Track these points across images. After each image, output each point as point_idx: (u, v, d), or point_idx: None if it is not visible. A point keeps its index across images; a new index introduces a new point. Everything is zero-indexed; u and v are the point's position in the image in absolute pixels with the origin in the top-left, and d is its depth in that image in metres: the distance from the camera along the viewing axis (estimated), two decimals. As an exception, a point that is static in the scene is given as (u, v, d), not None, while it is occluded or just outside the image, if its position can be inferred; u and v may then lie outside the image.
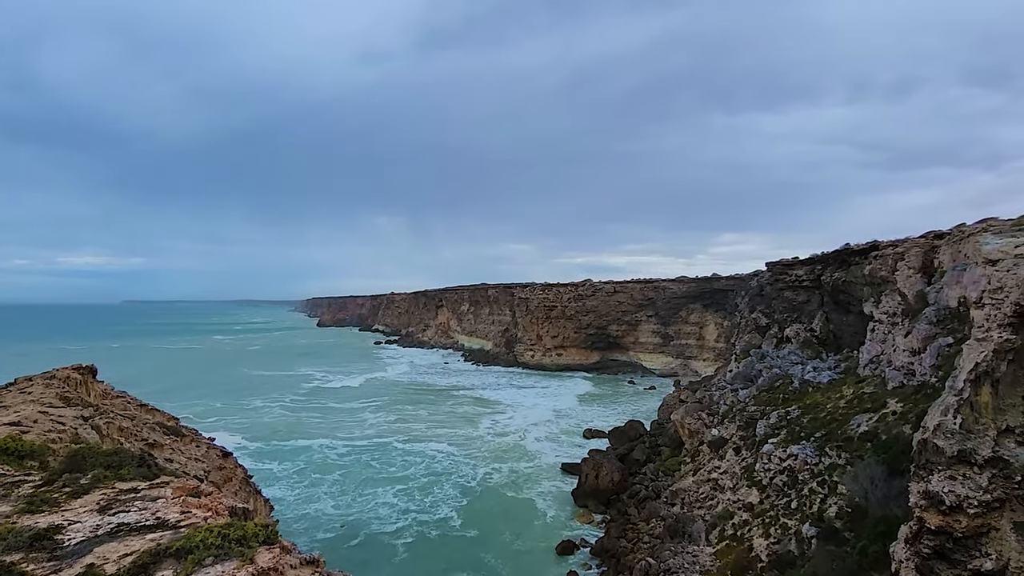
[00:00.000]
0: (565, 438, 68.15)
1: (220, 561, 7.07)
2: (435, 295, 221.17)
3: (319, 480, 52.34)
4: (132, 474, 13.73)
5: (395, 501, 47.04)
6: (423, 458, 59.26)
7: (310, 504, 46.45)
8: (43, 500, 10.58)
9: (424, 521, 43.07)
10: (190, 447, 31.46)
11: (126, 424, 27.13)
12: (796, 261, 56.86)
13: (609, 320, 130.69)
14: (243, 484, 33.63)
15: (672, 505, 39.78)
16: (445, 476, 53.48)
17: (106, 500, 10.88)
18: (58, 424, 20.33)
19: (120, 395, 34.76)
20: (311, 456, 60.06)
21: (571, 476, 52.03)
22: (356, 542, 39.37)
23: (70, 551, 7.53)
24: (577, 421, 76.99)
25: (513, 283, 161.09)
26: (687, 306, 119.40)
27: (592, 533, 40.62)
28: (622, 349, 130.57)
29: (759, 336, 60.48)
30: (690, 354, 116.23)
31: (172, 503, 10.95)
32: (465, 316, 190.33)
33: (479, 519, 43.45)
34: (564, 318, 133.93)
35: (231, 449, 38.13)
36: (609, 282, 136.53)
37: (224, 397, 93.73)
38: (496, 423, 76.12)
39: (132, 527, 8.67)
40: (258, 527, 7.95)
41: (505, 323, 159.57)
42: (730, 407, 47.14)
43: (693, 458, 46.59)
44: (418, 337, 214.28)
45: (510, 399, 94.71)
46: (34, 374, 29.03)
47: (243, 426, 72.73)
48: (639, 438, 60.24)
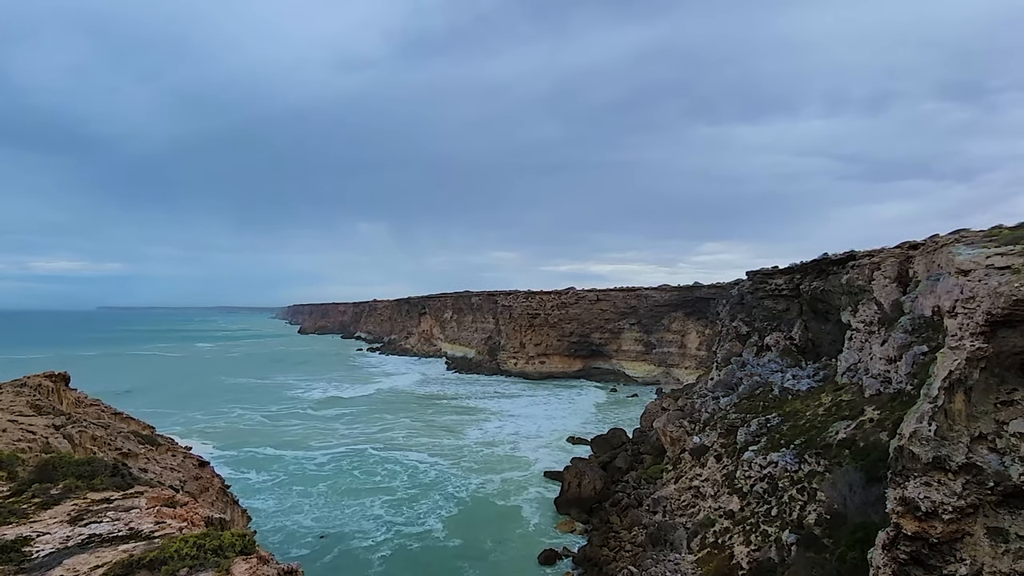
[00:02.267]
0: (547, 446, 68.05)
1: (195, 572, 6.92)
2: (418, 302, 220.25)
3: (299, 491, 51.53)
4: (105, 484, 13.43)
5: (377, 513, 46.39)
6: (407, 468, 58.70)
7: (288, 516, 45.66)
8: (11, 511, 10.30)
9: (406, 533, 42.44)
10: (166, 456, 30.77)
11: (100, 433, 26.47)
12: (776, 270, 57.63)
13: (592, 328, 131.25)
14: (220, 494, 32.95)
15: (654, 513, 39.86)
16: (429, 486, 53.03)
17: (77, 511, 10.61)
18: (28, 433, 19.78)
19: (94, 403, 33.91)
20: (291, 466, 59.19)
21: (554, 484, 51.91)
22: (331, 556, 38.49)
23: (38, 563, 7.31)
24: (559, 428, 76.93)
25: (497, 291, 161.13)
26: (669, 314, 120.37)
27: (575, 542, 40.53)
28: (605, 357, 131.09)
29: (740, 344, 61.10)
30: (672, 362, 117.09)
31: (146, 513, 10.72)
32: (448, 324, 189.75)
33: (463, 529, 43.06)
34: (547, 326, 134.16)
35: (208, 458, 37.34)
36: (592, 290, 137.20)
37: (203, 405, 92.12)
38: (481, 431, 75.87)
39: (104, 538, 8.46)
40: (235, 537, 7.79)
41: (488, 331, 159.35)
42: (711, 415, 47.48)
43: (675, 466, 46.78)
44: (401, 345, 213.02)
45: (494, 407, 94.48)
46: (3, 382, 28.21)
47: (222, 435, 71.53)
48: (621, 446, 60.35)
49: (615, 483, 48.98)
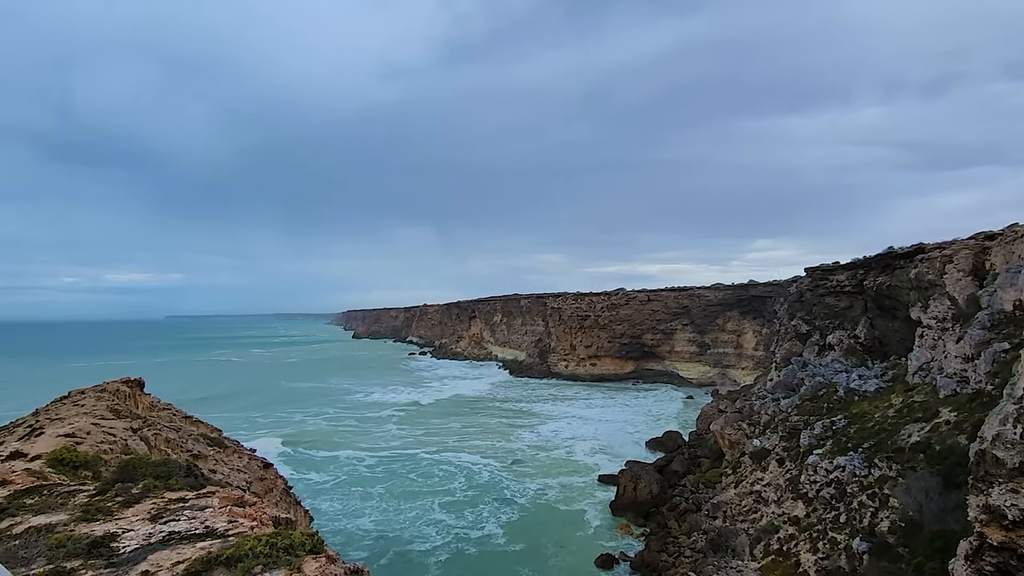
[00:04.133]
0: (601, 449, 67.34)
1: (269, 569, 7.15)
2: (467, 306, 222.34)
3: (357, 493, 52.73)
4: (180, 484, 14.03)
5: (435, 516, 46.83)
6: (462, 471, 59.20)
7: (348, 517, 46.78)
8: (98, 509, 10.88)
9: (464, 537, 42.59)
10: (232, 458, 32.02)
11: (172, 435, 27.80)
12: (837, 266, 55.29)
13: (644, 329, 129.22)
14: (284, 495, 34.10)
15: (714, 518, 38.83)
16: (485, 489, 53.27)
17: (157, 509, 11.12)
18: (109, 435, 20.90)
19: (166, 407, 35.69)
20: (349, 468, 60.67)
21: (609, 488, 51.34)
22: (388, 559, 38.99)
23: (125, 558, 7.73)
24: (613, 431, 76.06)
25: (545, 293, 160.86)
26: (724, 314, 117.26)
27: (631, 546, 39.93)
28: (658, 358, 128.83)
29: (800, 344, 58.92)
30: (728, 363, 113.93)
31: (219, 512, 11.14)
32: (498, 327, 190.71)
33: (520, 533, 43.00)
34: (598, 327, 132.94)
35: (271, 460, 38.70)
36: (642, 291, 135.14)
37: (264, 409, 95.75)
38: (535, 434, 75.77)
39: (183, 535, 8.86)
40: (304, 536, 8.03)
41: (538, 333, 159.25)
42: (772, 417, 45.91)
43: (734, 470, 45.44)
44: (452, 348, 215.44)
45: (547, 410, 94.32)
46: (86, 387, 30.00)
47: (282, 437, 74.01)
48: (677, 449, 59.15)
49: (672, 487, 48.02)
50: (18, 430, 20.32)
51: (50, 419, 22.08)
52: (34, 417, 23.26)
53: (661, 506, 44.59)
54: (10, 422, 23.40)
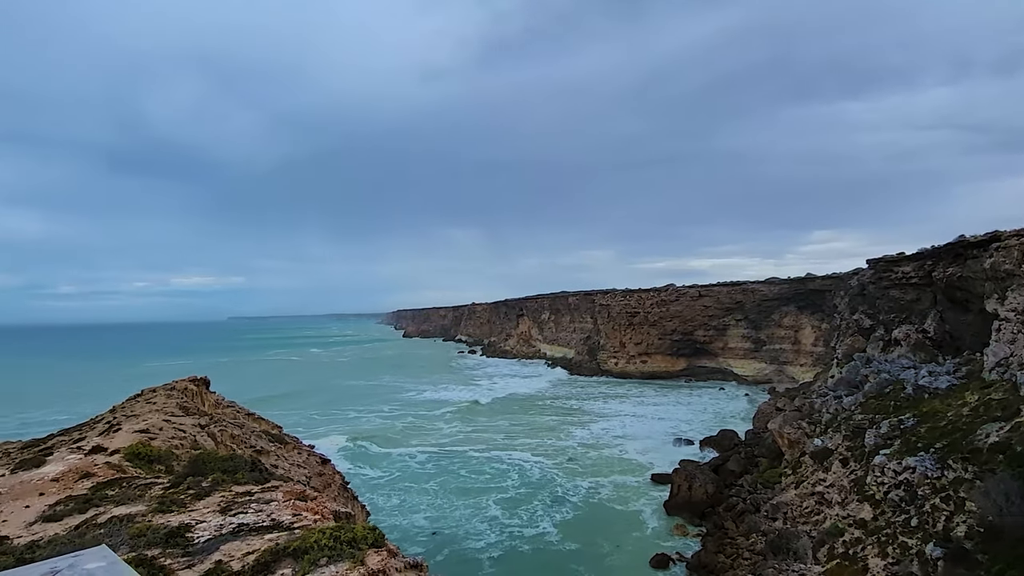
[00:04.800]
0: (654, 448, 66.31)
1: (333, 562, 7.35)
2: (515, 304, 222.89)
3: (411, 488, 53.66)
4: (246, 478, 14.57)
5: (489, 513, 47.10)
6: (514, 468, 59.42)
7: (402, 512, 47.66)
8: (172, 501, 11.44)
9: (517, 535, 42.65)
10: (292, 454, 33.16)
11: (237, 432, 29.00)
12: (902, 257, 52.56)
13: (695, 325, 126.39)
14: (341, 490, 35.07)
15: (773, 519, 37.61)
16: (538, 487, 53.23)
17: (225, 502, 11.56)
18: (179, 431, 21.95)
19: (230, 405, 37.29)
20: (404, 465, 61.79)
21: (662, 487, 50.51)
22: (443, 556, 39.35)
23: (200, 548, 8.09)
24: (665, 430, 74.78)
25: (593, 290, 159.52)
26: (780, 309, 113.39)
27: (687, 546, 39.17)
28: (710, 355, 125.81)
29: (863, 339, 56.34)
30: (785, 359, 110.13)
31: (284, 506, 11.52)
32: (546, 325, 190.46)
33: (574, 531, 42.78)
34: (648, 324, 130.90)
35: (328, 456, 39.81)
36: (693, 286, 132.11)
37: (321, 406, 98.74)
38: (586, 432, 75.28)
39: (251, 527, 9.20)
40: (366, 530, 8.22)
41: (587, 331, 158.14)
42: (834, 415, 44.07)
43: (794, 470, 43.87)
44: (500, 347, 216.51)
45: (597, 408, 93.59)
46: (157, 386, 31.65)
47: (339, 434, 76.07)
48: (733, 448, 57.62)
49: (728, 487, 46.81)
50: (98, 426, 21.63)
51: (126, 416, 23.41)
52: (112, 414, 24.72)
53: (717, 506, 43.53)
54: (91, 418, 24.98)
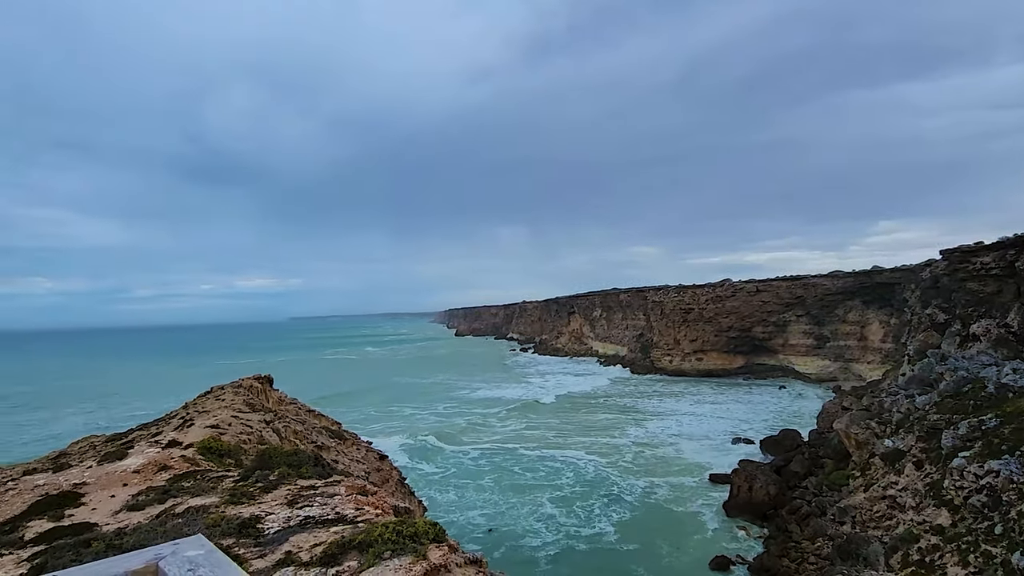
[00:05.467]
0: (711, 447, 64.73)
1: (396, 556, 7.47)
2: (566, 302, 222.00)
3: (467, 486, 54.20)
4: (309, 473, 15.05)
5: (545, 511, 47.00)
6: (567, 466, 59.18)
7: (459, 509, 48.15)
8: (242, 493, 11.92)
9: (574, 534, 42.32)
10: (351, 449, 34.07)
11: (299, 428, 30.03)
12: (981, 246, 49.31)
13: (753, 322, 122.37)
14: (399, 485, 35.79)
15: (841, 524, 36.00)
16: (593, 486, 52.81)
17: (291, 495, 11.95)
18: (247, 427, 22.89)
19: (292, 401, 38.66)
20: (459, 462, 62.52)
21: (721, 487, 49.23)
22: (500, 552, 39.44)
23: (270, 539, 8.40)
24: (723, 429, 72.83)
25: (645, 287, 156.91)
26: (844, 303, 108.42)
27: (747, 549, 38.02)
28: (770, 352, 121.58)
29: (937, 334, 53.21)
30: (851, 356, 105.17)
31: (346, 500, 11.82)
32: (598, 322, 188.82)
33: (632, 532, 42.18)
34: (703, 321, 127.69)
35: (386, 452, 40.69)
36: (750, 281, 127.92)
37: (377, 404, 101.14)
38: (641, 431, 74.20)
39: (317, 520, 9.49)
40: (427, 525, 8.32)
41: (639, 328, 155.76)
42: (906, 415, 41.75)
43: (863, 472, 41.85)
44: (552, 344, 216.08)
45: (652, 406, 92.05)
46: (225, 383, 33.18)
47: (395, 431, 77.75)
48: (796, 448, 55.50)
49: (791, 488, 45.13)
50: (173, 421, 22.83)
51: (198, 412, 24.60)
52: (185, 410, 26.05)
53: (780, 508, 42.03)
54: (166, 414, 26.40)
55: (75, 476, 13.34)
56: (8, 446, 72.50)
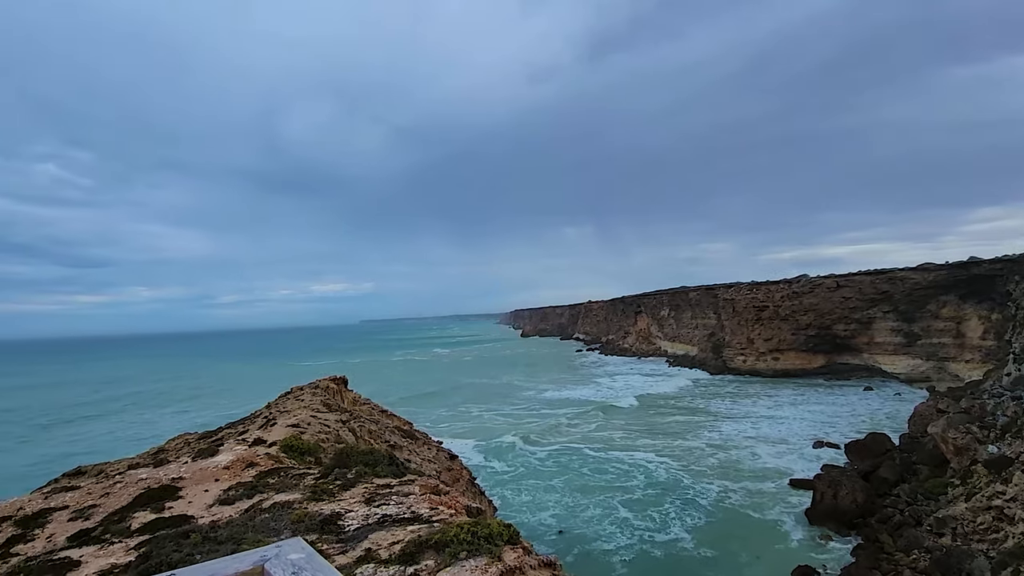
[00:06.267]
0: (791, 451, 61.75)
1: (472, 556, 7.49)
2: (632, 301, 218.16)
3: (536, 486, 54.13)
4: (385, 472, 15.38)
5: (615, 514, 46.24)
6: (640, 468, 58.00)
7: (530, 510, 48.10)
8: (323, 491, 12.33)
9: (649, 539, 41.29)
10: (423, 449, 34.75)
11: (373, 427, 30.90)
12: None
13: (834, 319, 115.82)
14: (469, 485, 36.21)
15: (939, 535, 33.44)
16: (666, 489, 51.54)
17: (368, 493, 12.24)
18: (325, 427, 23.75)
19: (366, 402, 39.86)
20: (528, 462, 62.59)
21: (801, 494, 46.87)
22: (572, 556, 38.90)
23: (351, 535, 8.63)
24: (803, 432, 69.35)
25: (716, 284, 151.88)
26: (937, 298, 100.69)
27: (832, 559, 35.94)
28: (853, 351, 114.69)
29: (1048, 330, 48.50)
30: (945, 355, 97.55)
31: (421, 499, 12.00)
32: (666, 321, 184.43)
33: (706, 538, 40.78)
34: (778, 319, 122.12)
35: (455, 452, 41.26)
36: (829, 276, 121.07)
37: (446, 404, 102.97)
38: (715, 433, 71.79)
39: (394, 519, 9.67)
40: (501, 526, 8.29)
41: (710, 327, 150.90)
42: (1012, 419, 38.39)
43: (964, 480, 38.71)
44: (619, 344, 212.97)
45: (725, 408, 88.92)
46: (303, 384, 34.64)
47: (465, 431, 78.84)
48: (885, 453, 52.03)
49: (881, 496, 42.39)
50: (258, 420, 24.04)
51: (279, 412, 25.79)
52: (268, 410, 27.40)
53: (869, 517, 39.54)
54: (251, 413, 27.88)
55: (173, 471, 14.26)
56: (117, 442, 79.19)
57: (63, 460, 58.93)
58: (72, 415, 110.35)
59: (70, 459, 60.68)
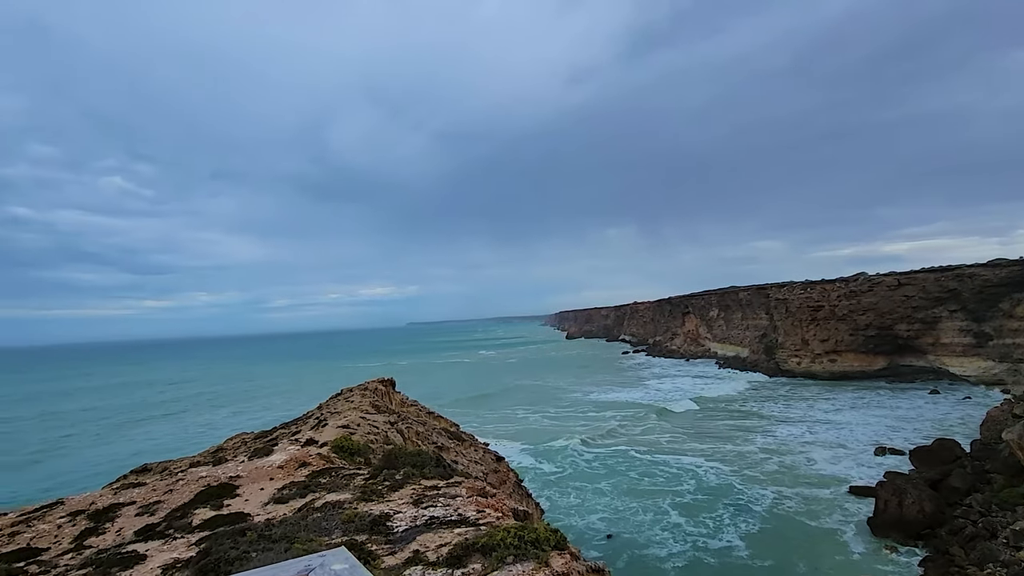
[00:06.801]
0: (849, 456, 59.19)
1: (519, 561, 7.41)
2: (680, 302, 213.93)
3: (584, 489, 53.66)
4: (432, 473, 15.50)
5: (666, 519, 45.29)
6: (689, 472, 56.83)
7: (578, 513, 47.63)
8: (372, 491, 12.51)
9: (702, 546, 40.12)
10: (469, 450, 34.89)
11: (420, 429, 31.25)
12: None
13: (895, 319, 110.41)
14: (516, 487, 36.20)
15: (1017, 548, 31.32)
16: (718, 494, 50.22)
17: (416, 495, 12.36)
18: (373, 428, 24.19)
19: (413, 403, 40.40)
20: (575, 463, 62.17)
21: (861, 501, 44.87)
22: (623, 562, 38.11)
23: (399, 536, 8.71)
24: (863, 437, 66.39)
25: (767, 284, 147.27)
26: (1010, 296, 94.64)
27: (899, 572, 34.17)
28: (917, 352, 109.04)
29: None
30: (1021, 356, 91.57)
31: (468, 501, 12.01)
32: (715, 322, 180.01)
33: (762, 546, 39.37)
34: (834, 319, 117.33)
35: (502, 454, 41.24)
36: (890, 274, 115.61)
37: (491, 406, 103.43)
38: (770, 438, 69.60)
39: (441, 521, 9.70)
40: (549, 531, 8.19)
41: (762, 328, 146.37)
42: (1099, 425, 35.62)
43: (1043, 490, 36.20)
44: (666, 346, 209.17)
45: (778, 411, 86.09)
46: (352, 386, 35.42)
47: (511, 433, 78.90)
48: (955, 461, 49.16)
49: (951, 506, 40.03)
50: (310, 421, 24.70)
51: (330, 413, 26.42)
52: (319, 411, 28.13)
53: (937, 528, 37.41)
54: (303, 414, 28.69)
55: (231, 470, 14.78)
56: (180, 441, 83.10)
57: (132, 457, 62.29)
58: (141, 415, 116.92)
59: (138, 456, 64.29)
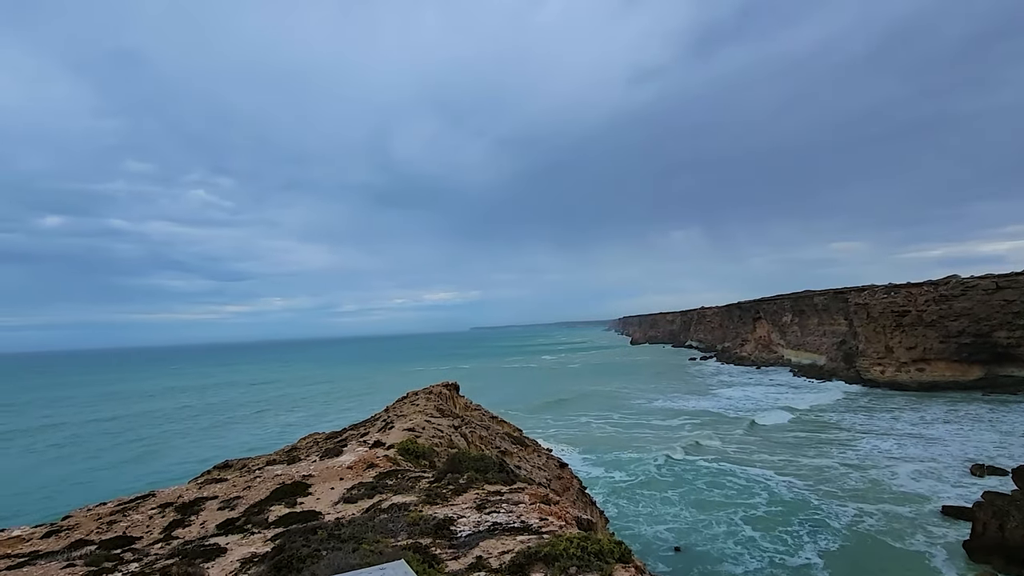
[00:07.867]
0: (940, 474, 54.97)
1: (582, 572, 7.32)
2: (750, 307, 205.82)
3: (651, 498, 52.45)
4: (495, 478, 15.55)
5: (740, 532, 43.46)
6: (760, 485, 54.46)
7: (645, 522, 46.57)
8: (436, 494, 12.70)
9: (778, 562, 38.14)
10: (532, 456, 34.87)
11: (484, 433, 31.54)
12: None
13: (993, 325, 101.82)
14: (579, 494, 35.84)
15: None
16: (792, 508, 47.84)
17: (479, 499, 12.43)
18: (438, 431, 24.60)
19: (476, 407, 40.78)
20: (641, 473, 60.84)
21: (954, 523, 41.56)
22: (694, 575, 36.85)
23: (462, 542, 8.78)
24: (957, 453, 61.55)
25: (845, 287, 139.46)
26: None
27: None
28: (1020, 362, 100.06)
29: None
30: None
31: (530, 508, 11.98)
32: (789, 328, 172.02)
33: (843, 567, 37.01)
34: (922, 325, 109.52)
35: (565, 460, 40.94)
36: (986, 276, 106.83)
37: (555, 412, 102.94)
38: (851, 452, 65.77)
39: (504, 527, 9.71)
40: (612, 543, 8.04)
41: (840, 334, 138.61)
42: None
43: None
44: (736, 353, 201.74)
45: (860, 423, 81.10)
46: (418, 389, 36.15)
47: (575, 439, 78.20)
48: (1065, 482, 44.67)
49: (1061, 531, 36.36)
50: (377, 423, 25.41)
51: (396, 415, 27.09)
52: (386, 413, 28.90)
53: (1045, 555, 34.09)
54: (371, 416, 29.56)
55: (304, 469, 15.42)
56: (257, 440, 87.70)
57: (216, 453, 66.21)
58: (225, 413, 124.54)
59: (222, 452, 68.26)
